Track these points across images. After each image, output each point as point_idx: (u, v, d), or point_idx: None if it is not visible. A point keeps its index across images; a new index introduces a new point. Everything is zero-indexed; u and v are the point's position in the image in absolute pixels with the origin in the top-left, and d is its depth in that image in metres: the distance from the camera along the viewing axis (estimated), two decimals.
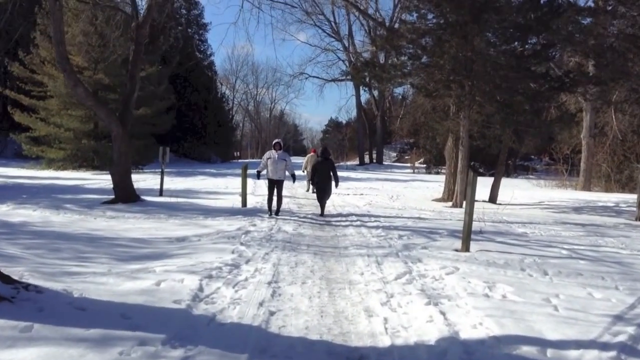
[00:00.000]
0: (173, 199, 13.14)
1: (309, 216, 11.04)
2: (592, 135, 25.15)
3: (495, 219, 11.03)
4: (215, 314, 4.14)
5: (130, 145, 12.39)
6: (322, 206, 11.55)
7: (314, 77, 52.44)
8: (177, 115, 35.36)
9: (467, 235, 7.27)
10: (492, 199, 16.69)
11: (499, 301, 4.72)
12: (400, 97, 52.01)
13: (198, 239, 7.62)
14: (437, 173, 37.70)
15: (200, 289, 4.71)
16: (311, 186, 14.07)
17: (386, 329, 4.04)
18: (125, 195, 11.99)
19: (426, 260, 6.38)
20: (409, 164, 42.93)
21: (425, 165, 39.53)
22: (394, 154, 52.92)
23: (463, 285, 5.16)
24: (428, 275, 5.63)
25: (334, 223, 10.02)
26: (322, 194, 11.56)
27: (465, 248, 7.23)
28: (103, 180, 21.30)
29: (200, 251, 6.55)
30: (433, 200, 16.92)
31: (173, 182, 21.51)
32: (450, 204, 15.33)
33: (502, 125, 14.88)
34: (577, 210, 14.12)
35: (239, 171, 13.47)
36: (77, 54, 27.21)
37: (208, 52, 51.53)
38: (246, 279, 5.20)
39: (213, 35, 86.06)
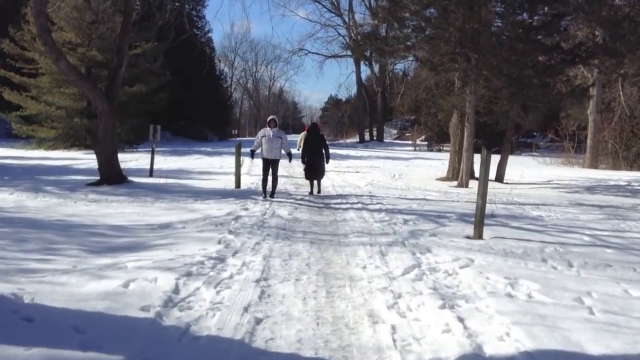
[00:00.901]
0: (163, 180, 12.42)
1: (307, 198, 10.34)
2: (599, 111, 24.31)
3: (506, 200, 10.33)
4: (190, 324, 3.45)
5: (116, 123, 11.61)
6: (318, 184, 11.26)
7: (313, 53, 51.47)
8: (173, 93, 34.40)
9: (480, 221, 6.57)
10: (499, 177, 15.98)
11: (525, 302, 4.03)
12: (401, 73, 50.91)
13: (183, 225, 6.92)
14: (439, 150, 36.93)
15: (176, 290, 4.02)
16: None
17: (395, 340, 3.35)
18: (111, 177, 11.27)
19: (436, 250, 5.69)
20: (410, 142, 42.11)
21: (426, 143, 38.72)
22: (395, 132, 52.07)
23: (481, 282, 4.47)
24: (440, 269, 4.94)
25: (333, 206, 9.32)
26: (314, 172, 11.14)
27: (478, 235, 6.54)
28: (93, 160, 20.24)
29: (182, 241, 5.85)
30: (437, 179, 16.22)
31: (166, 162, 20.81)
32: (455, 183, 14.62)
33: (510, 100, 14.09)
34: (590, 190, 13.42)
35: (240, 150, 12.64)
36: (71, 30, 26.28)
37: (205, 29, 50.23)
38: (231, 276, 4.50)
39: (211, 12, 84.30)
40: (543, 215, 8.58)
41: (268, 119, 10.74)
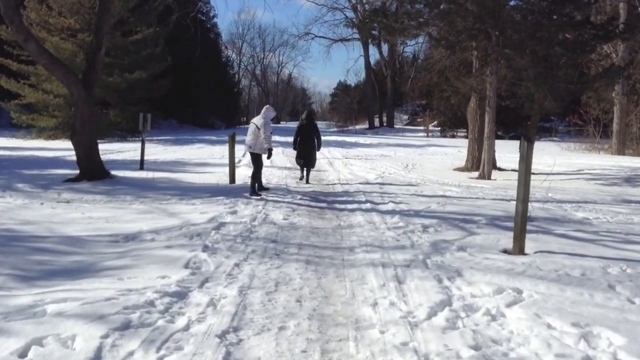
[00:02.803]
0: (152, 174, 11.19)
1: (308, 195, 9.02)
2: (624, 93, 22.60)
3: (541, 197, 8.94)
4: None
5: (95, 111, 10.37)
6: (308, 172, 11.05)
7: (320, 37, 49.70)
8: (177, 80, 33.10)
9: (520, 231, 5.22)
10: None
11: None
12: (411, 56, 49.14)
13: (152, 237, 5.65)
14: (453, 136, 35.41)
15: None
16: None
17: None
18: (91, 172, 10.04)
19: (469, 275, 4.36)
20: (421, 127, 40.58)
21: (439, 128, 37.17)
22: (406, 117, 50.48)
23: (542, 335, 3.15)
24: (478, 308, 3.62)
25: (337, 206, 8.00)
26: (306, 160, 10.95)
27: (519, 249, 5.20)
28: None
29: (142, 262, 4.58)
30: (454, 169, 14.83)
31: (166, 152, 19.63)
32: (476, 174, 13.23)
33: (536, 81, 12.59)
34: (630, 181, 11.95)
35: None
36: (70, 15, 25.09)
37: (211, 14, 48.72)
38: (187, 327, 3.21)
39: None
40: (590, 217, 7.18)
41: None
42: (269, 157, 9.29)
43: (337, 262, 4.90)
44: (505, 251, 5.36)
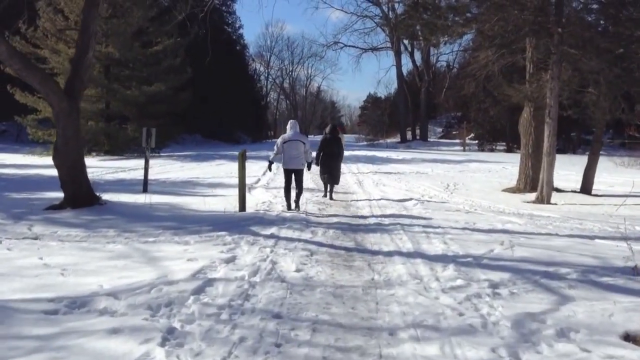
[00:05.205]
0: (151, 199, 9.60)
1: (332, 229, 7.20)
2: None
3: (635, 231, 6.93)
4: None
5: (80, 127, 8.85)
6: (331, 189, 10.67)
7: (349, 46, 48.18)
8: (201, 93, 31.91)
9: None
10: (586, 188, 12.46)
11: None
12: (445, 66, 47.02)
13: (106, 305, 3.94)
14: (492, 150, 33.22)
15: None
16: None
17: None
18: (76, 197, 8.48)
19: None
20: (457, 140, 38.40)
21: (477, 142, 34.97)
22: (439, 130, 48.26)
23: None
24: None
25: (368, 247, 6.16)
26: (330, 177, 10.61)
27: None
28: (106, 168, 18.13)
29: None
30: (504, 190, 12.85)
31: (182, 169, 18.15)
32: (531, 197, 11.25)
33: (610, 87, 10.57)
34: None
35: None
36: None
37: (237, 25, 47.90)
38: None
39: (242, 9, 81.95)
40: None
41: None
42: (309, 169, 9.61)
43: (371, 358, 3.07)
44: (627, 337, 3.47)
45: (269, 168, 10.01)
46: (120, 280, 4.60)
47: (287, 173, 9.13)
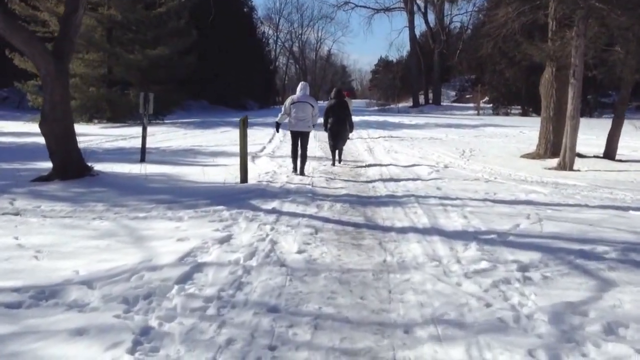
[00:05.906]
0: (146, 170, 9.05)
1: (339, 202, 6.62)
2: None
3: None
4: None
5: (69, 92, 8.23)
6: (340, 153, 10.52)
7: (361, 6, 46.49)
8: (207, 57, 30.92)
9: None
10: (609, 153, 11.73)
11: None
12: (458, 27, 45.39)
13: (76, 296, 3.42)
14: (507, 114, 32.18)
15: None
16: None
17: None
18: (65, 168, 7.92)
19: None
20: (471, 104, 37.30)
21: (491, 105, 33.89)
22: (453, 93, 46.99)
23: None
24: None
25: (380, 222, 5.57)
26: (336, 141, 10.25)
27: None
28: (106, 135, 17.62)
29: None
30: (522, 156, 12.15)
31: (184, 137, 17.57)
32: (553, 163, 10.57)
33: (639, 45, 9.73)
34: None
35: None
36: None
37: None
38: None
39: None
40: None
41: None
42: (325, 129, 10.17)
43: None
44: None
45: (277, 129, 10.11)
46: (99, 264, 4.07)
47: (294, 135, 9.05)
